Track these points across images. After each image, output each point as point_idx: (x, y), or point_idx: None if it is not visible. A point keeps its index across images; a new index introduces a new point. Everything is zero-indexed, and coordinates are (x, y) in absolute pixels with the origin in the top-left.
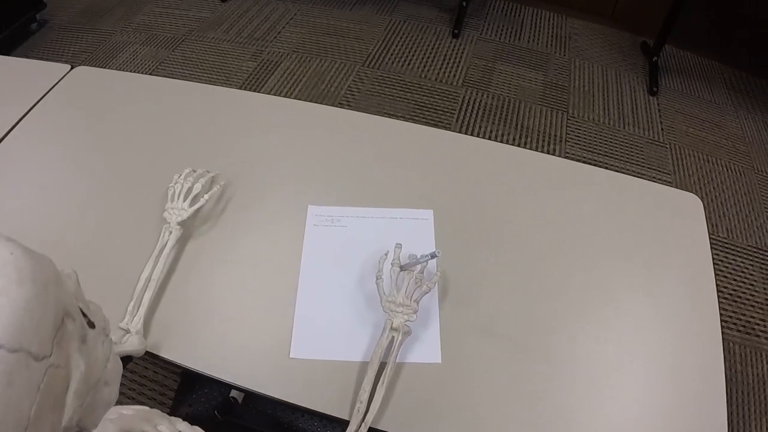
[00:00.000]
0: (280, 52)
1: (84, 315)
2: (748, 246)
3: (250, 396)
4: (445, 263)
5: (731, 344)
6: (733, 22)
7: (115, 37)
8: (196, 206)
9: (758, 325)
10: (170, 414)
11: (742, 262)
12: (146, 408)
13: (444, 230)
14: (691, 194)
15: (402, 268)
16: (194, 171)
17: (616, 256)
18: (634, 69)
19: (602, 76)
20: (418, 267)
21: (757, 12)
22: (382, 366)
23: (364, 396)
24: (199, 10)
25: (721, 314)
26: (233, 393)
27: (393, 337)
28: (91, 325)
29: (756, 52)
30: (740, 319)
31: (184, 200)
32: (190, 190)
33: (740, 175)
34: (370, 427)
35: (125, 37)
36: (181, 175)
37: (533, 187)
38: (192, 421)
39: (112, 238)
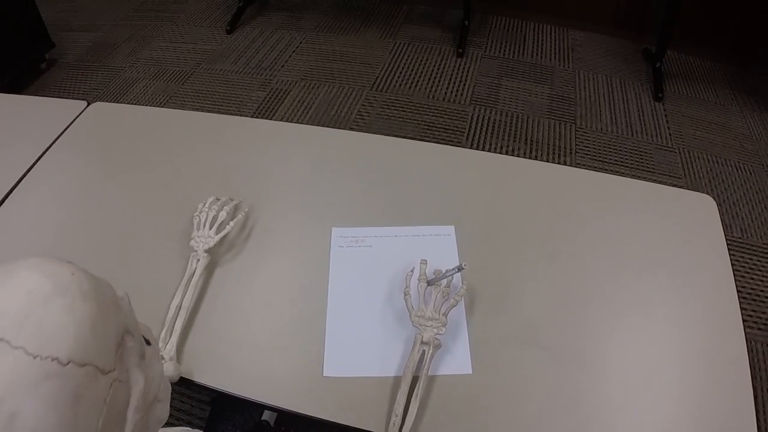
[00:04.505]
0: (288, 81)
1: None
2: (764, 244)
3: (282, 419)
4: (470, 275)
5: (753, 342)
6: (728, 15)
7: (124, 73)
8: (222, 233)
9: None
10: None
11: (758, 260)
12: (189, 429)
13: (466, 244)
14: (704, 195)
15: (429, 282)
16: (218, 199)
17: (636, 261)
18: (638, 76)
19: (607, 85)
20: (445, 281)
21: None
22: (415, 380)
23: (399, 409)
24: (205, 42)
25: (741, 313)
26: (265, 416)
27: (424, 351)
28: (148, 342)
29: (751, 47)
30: (761, 318)
31: (210, 228)
32: (215, 217)
33: (750, 174)
34: None
35: (134, 73)
36: (205, 203)
37: (550, 198)
38: None
39: (141, 268)
